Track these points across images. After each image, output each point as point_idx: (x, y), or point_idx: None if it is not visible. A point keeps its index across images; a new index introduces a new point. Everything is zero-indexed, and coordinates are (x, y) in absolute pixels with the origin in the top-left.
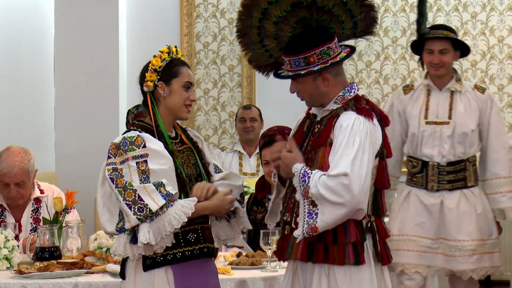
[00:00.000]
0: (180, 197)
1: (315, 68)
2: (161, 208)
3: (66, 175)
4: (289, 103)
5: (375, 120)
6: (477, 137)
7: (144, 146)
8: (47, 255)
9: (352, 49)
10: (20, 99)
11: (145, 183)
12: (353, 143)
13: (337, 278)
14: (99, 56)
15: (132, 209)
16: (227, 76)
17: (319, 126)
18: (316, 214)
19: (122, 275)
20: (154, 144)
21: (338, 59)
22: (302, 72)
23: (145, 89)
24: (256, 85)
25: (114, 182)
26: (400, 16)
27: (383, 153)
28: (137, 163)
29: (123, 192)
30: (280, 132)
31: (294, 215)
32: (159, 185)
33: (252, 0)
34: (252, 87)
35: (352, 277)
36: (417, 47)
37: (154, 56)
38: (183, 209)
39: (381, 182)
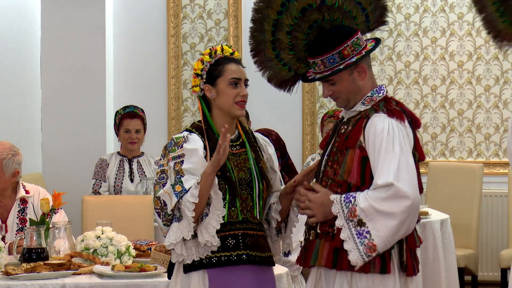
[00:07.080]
0: (225, 199)
1: (353, 59)
2: (176, 204)
3: (53, 177)
4: (275, 103)
5: (406, 122)
6: None
7: (182, 147)
8: (34, 256)
9: (378, 41)
10: (6, 100)
11: (176, 185)
12: (393, 147)
13: (359, 286)
14: (85, 57)
15: (161, 216)
16: None
17: (345, 127)
18: (368, 232)
19: (170, 275)
20: (192, 143)
21: (370, 48)
22: (341, 67)
23: (194, 94)
24: None
25: (154, 190)
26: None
27: (415, 156)
28: (174, 163)
29: (154, 202)
30: (267, 134)
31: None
32: (175, 183)
33: (262, 13)
34: None
35: (375, 286)
36: None
37: (197, 60)
38: (192, 191)
39: None
